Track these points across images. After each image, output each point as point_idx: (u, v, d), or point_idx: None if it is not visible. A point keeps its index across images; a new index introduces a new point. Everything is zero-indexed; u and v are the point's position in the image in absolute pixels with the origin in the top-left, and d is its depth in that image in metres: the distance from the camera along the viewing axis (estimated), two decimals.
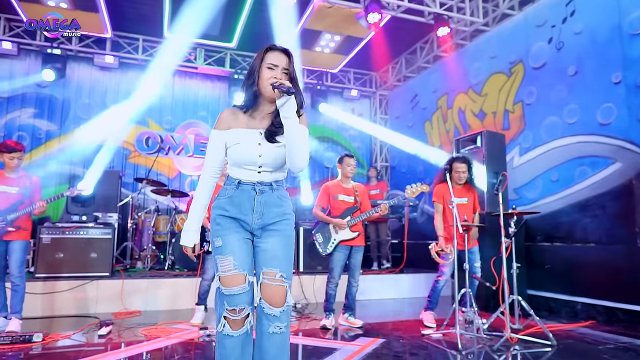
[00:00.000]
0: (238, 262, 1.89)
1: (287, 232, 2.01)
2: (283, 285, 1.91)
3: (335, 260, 4.29)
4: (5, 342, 3.47)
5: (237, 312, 1.85)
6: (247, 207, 1.96)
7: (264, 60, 1.96)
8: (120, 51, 8.17)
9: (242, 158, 1.95)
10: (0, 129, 7.60)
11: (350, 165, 4.42)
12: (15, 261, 3.94)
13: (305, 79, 9.42)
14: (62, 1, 6.57)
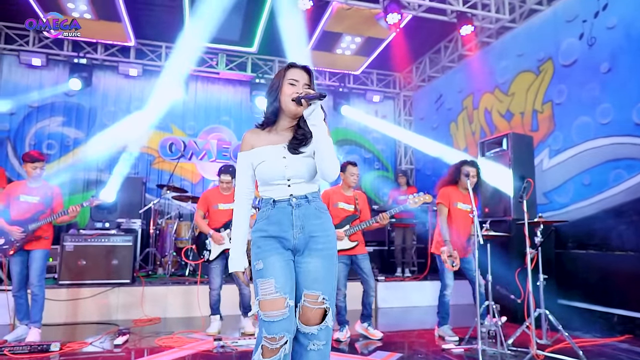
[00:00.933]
0: (279, 285, 1.83)
1: (330, 251, 1.96)
2: (323, 307, 1.88)
3: (338, 272, 4.16)
4: (23, 352, 3.52)
5: (276, 341, 1.78)
6: (286, 224, 1.92)
7: (285, 77, 1.98)
8: (143, 59, 8.29)
9: (269, 174, 1.94)
10: (31, 138, 7.84)
11: (354, 174, 4.29)
12: (35, 270, 4.00)
13: (326, 82, 9.32)
14: (86, 12, 6.72)
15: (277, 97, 1.98)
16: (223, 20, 7.19)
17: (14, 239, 3.93)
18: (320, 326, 1.86)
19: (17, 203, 4.04)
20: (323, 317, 1.87)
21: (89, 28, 7.19)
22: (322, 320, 1.87)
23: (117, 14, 6.81)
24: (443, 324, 4.23)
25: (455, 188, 4.22)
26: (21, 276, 4.03)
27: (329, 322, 1.88)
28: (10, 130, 7.76)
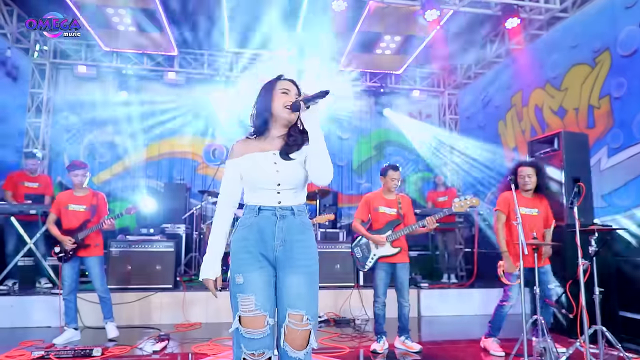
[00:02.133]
0: (260, 303, 1.80)
1: (312, 268, 1.92)
2: (308, 328, 1.82)
3: (378, 278, 4.02)
4: (67, 356, 3.65)
5: (257, 356, 1.76)
6: (268, 234, 1.88)
7: (276, 87, 1.99)
8: (187, 67, 8.51)
9: (259, 178, 1.91)
10: (85, 147, 8.27)
11: (395, 178, 4.09)
12: (95, 276, 4.25)
13: (367, 83, 9.16)
14: (130, 25, 6.99)
15: (269, 106, 1.97)
16: (261, 25, 7.27)
17: (67, 248, 4.14)
18: (306, 350, 1.81)
19: (66, 212, 4.25)
20: (308, 341, 1.82)
21: (135, 40, 7.47)
22: (308, 343, 1.81)
23: (159, 26, 7.02)
24: (491, 335, 3.96)
25: (517, 192, 3.92)
26: (72, 281, 4.22)
27: (313, 344, 1.83)
28: (66, 141, 8.22)
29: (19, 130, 7.71)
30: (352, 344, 4.28)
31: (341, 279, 5.78)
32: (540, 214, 3.82)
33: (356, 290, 5.64)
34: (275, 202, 1.91)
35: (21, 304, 5.00)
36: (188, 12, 6.89)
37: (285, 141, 1.98)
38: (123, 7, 6.43)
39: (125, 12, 6.57)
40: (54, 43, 8.11)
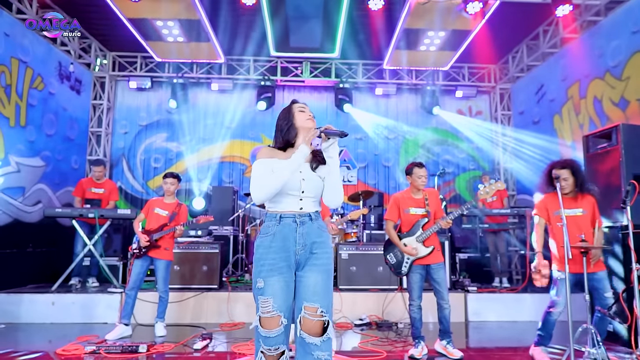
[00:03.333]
0: (277, 305, 2.01)
1: (328, 267, 2.13)
2: (323, 319, 2.02)
3: (412, 281, 3.92)
4: (116, 352, 3.87)
5: (273, 351, 2.01)
6: (290, 240, 2.10)
7: (293, 107, 2.31)
8: (233, 74, 8.76)
9: (287, 185, 2.11)
10: (141, 153, 8.74)
11: (421, 176, 3.97)
12: (160, 278, 4.57)
13: (413, 80, 8.96)
14: (179, 36, 7.30)
15: (292, 123, 2.28)
16: (304, 29, 7.33)
17: (141, 245, 4.50)
18: (323, 338, 2.00)
19: (152, 215, 4.67)
20: (324, 330, 2.01)
21: (183, 50, 7.81)
22: (324, 332, 2.01)
23: (206, 35, 7.28)
24: (541, 344, 3.72)
25: (555, 195, 3.68)
26: (137, 277, 4.54)
27: (330, 334, 2.02)
28: (124, 148, 8.74)
29: (83, 139, 8.29)
30: (390, 348, 4.20)
31: (384, 282, 5.69)
32: (586, 213, 3.54)
33: (399, 293, 5.53)
34: (297, 208, 2.14)
35: (82, 301, 5.36)
36: (232, 20, 7.08)
37: (313, 154, 2.24)
38: (171, 19, 6.72)
39: (173, 24, 6.87)
40: (113, 56, 8.66)
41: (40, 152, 6.90)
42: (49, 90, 7.12)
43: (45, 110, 7.03)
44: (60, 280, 5.67)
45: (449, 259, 5.83)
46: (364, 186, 8.67)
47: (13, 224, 6.29)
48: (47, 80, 7.06)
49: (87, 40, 8.03)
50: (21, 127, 6.45)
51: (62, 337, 4.47)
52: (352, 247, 5.84)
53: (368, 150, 9.07)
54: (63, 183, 7.41)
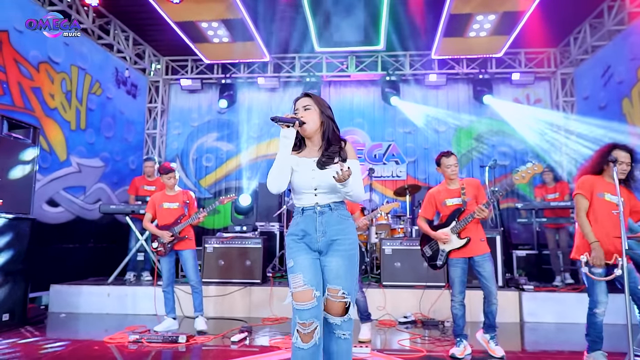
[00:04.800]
0: (307, 279, 2.14)
1: (350, 252, 2.24)
2: (344, 301, 2.17)
3: (453, 275, 3.69)
4: (157, 341, 3.99)
5: (307, 326, 2.08)
6: (311, 228, 2.24)
7: (294, 107, 2.38)
8: (280, 72, 8.83)
9: (300, 182, 2.27)
10: (193, 153, 9.06)
11: (450, 165, 3.73)
12: (189, 268, 4.59)
13: (464, 70, 8.55)
14: (224, 36, 7.46)
15: None
16: (346, 22, 7.22)
17: (165, 241, 4.53)
18: (344, 318, 2.16)
19: (161, 211, 4.66)
20: (346, 311, 2.17)
21: (229, 51, 7.97)
22: (345, 313, 2.16)
23: (250, 35, 7.38)
24: (594, 349, 3.36)
25: (601, 177, 3.33)
26: (169, 274, 4.62)
27: (351, 314, 2.18)
28: (177, 148, 9.10)
29: (140, 140, 8.73)
30: (432, 347, 3.99)
31: (430, 278, 5.44)
32: (626, 206, 3.15)
33: (447, 291, 5.26)
34: (313, 202, 2.26)
35: (134, 294, 5.62)
36: (273, 17, 7.12)
37: (323, 152, 2.29)
38: (214, 20, 6.88)
39: (217, 25, 7.03)
40: (166, 61, 9.04)
41: (100, 153, 7.34)
42: (106, 95, 7.56)
43: (103, 114, 7.47)
44: (115, 274, 5.99)
45: (501, 256, 5.46)
46: (413, 181, 8.38)
47: (75, 220, 6.74)
48: (104, 86, 7.50)
49: (142, 46, 8.44)
50: (81, 130, 6.89)
51: (114, 326, 4.68)
52: (395, 242, 5.64)
53: (417, 144, 8.78)
54: (121, 182, 7.83)
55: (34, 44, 5.92)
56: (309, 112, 2.29)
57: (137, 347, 3.88)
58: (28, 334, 4.41)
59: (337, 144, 2.29)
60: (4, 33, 5.45)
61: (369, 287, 5.40)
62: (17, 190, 4.76)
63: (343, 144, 2.31)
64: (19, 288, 4.69)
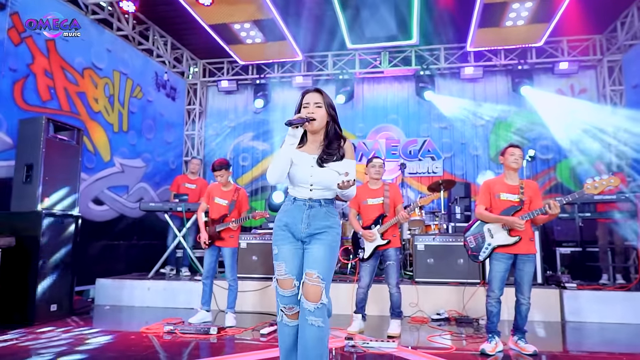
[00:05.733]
0: (288, 269, 2.30)
1: (330, 242, 2.33)
2: (319, 285, 2.21)
3: (494, 270, 3.59)
4: (190, 332, 4.13)
5: (288, 310, 2.30)
6: (297, 218, 2.34)
7: (302, 103, 2.41)
8: (313, 70, 8.89)
9: (297, 177, 2.35)
10: (230, 152, 9.27)
11: (514, 154, 3.66)
12: (227, 266, 4.70)
13: (502, 61, 8.27)
14: (257, 37, 7.59)
15: None
16: (377, 18, 7.16)
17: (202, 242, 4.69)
18: (317, 305, 2.18)
19: (213, 204, 4.80)
20: (320, 297, 2.20)
21: (263, 51, 8.10)
22: (319, 299, 2.19)
23: (282, 35, 7.47)
24: None
25: None
26: (210, 267, 4.75)
27: (323, 300, 2.20)
28: (215, 148, 9.35)
29: (179, 141, 9.04)
30: (462, 344, 3.90)
31: (465, 275, 5.32)
32: None
33: (482, 288, 5.12)
34: (307, 196, 2.36)
35: (172, 288, 5.84)
36: (304, 16, 7.16)
37: (323, 149, 2.36)
38: (246, 22, 7.02)
39: (249, 26, 7.16)
40: (203, 64, 9.32)
41: (141, 154, 7.67)
42: (147, 98, 7.89)
43: (144, 116, 7.80)
44: (155, 269, 6.23)
45: (540, 252, 5.24)
46: (450, 177, 8.19)
47: (119, 218, 7.07)
48: (145, 89, 7.83)
49: (180, 50, 8.74)
50: (124, 132, 7.22)
51: (153, 318, 4.88)
52: (428, 238, 5.55)
53: (454, 139, 8.57)
54: (162, 182, 8.15)
55: (79, 51, 6.28)
56: (319, 109, 2.35)
57: (171, 338, 4.03)
58: (74, 323, 4.68)
59: (337, 142, 2.37)
60: (51, 42, 5.81)
61: (401, 284, 5.32)
62: (63, 189, 5.06)
63: (342, 142, 2.38)
64: (66, 281, 4.98)
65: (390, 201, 4.32)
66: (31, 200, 4.72)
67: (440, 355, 3.51)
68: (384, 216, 4.29)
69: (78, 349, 3.66)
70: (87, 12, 6.48)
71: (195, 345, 3.81)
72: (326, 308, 2.23)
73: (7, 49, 5.21)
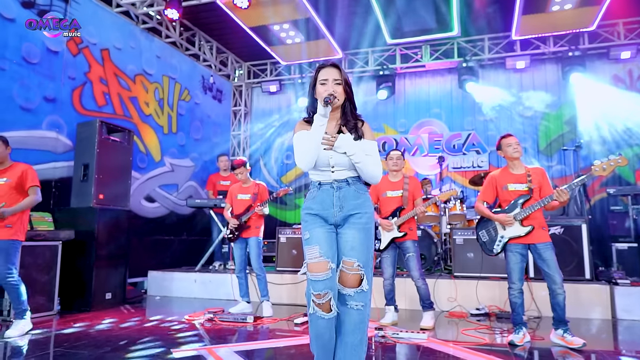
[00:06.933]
0: (323, 251, 2.15)
1: (366, 226, 2.22)
2: (359, 273, 2.13)
3: (511, 262, 3.55)
4: (228, 320, 4.34)
5: (322, 297, 2.08)
6: (328, 203, 2.22)
7: (317, 79, 2.26)
8: (353, 67, 8.92)
9: (318, 161, 2.21)
10: (274, 151, 9.52)
11: (511, 144, 3.61)
12: (253, 255, 4.90)
13: (551, 48, 7.88)
14: (296, 37, 7.76)
15: (314, 96, 2.28)
16: (416, 11, 7.09)
17: (233, 229, 4.91)
18: (356, 290, 2.11)
19: (236, 201, 5.06)
20: (360, 283, 2.12)
21: (303, 51, 8.25)
22: (359, 285, 2.11)
23: (319, 32, 7.58)
24: None
25: None
26: (241, 259, 4.98)
27: (364, 286, 2.12)
28: (260, 148, 9.63)
29: (226, 142, 9.41)
30: (495, 338, 3.82)
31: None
32: None
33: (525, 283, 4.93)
34: (331, 179, 2.25)
35: (217, 280, 6.11)
36: (341, 13, 7.22)
37: (339, 129, 2.25)
38: (285, 22, 7.20)
39: (288, 26, 7.34)
40: (247, 66, 9.64)
41: (190, 154, 8.07)
42: (194, 101, 8.29)
43: (192, 118, 8.20)
44: (201, 263, 6.56)
45: (588, 246, 4.98)
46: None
47: (170, 215, 7.50)
48: (192, 93, 8.23)
49: (225, 54, 9.10)
50: (173, 134, 7.64)
51: (198, 308, 5.15)
52: (467, 231, 5.43)
53: (500, 132, 8.17)
54: None
55: (131, 59, 6.74)
56: (338, 87, 2.21)
57: (210, 325, 4.25)
58: (125, 311, 5.05)
59: (354, 121, 2.26)
60: (105, 51, 6.29)
61: (439, 278, 5.27)
62: (115, 186, 5.47)
63: (360, 123, 2.28)
64: (119, 272, 5.38)
65: (410, 194, 4.30)
66: (87, 197, 5.15)
67: (471, 347, 3.46)
68: (402, 209, 4.27)
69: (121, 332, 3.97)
70: (138, 22, 6.94)
71: (231, 332, 4.00)
72: (367, 294, 2.14)
73: (67, 60, 5.70)
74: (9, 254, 3.81)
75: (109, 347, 3.40)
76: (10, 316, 4.10)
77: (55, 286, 4.69)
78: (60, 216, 5.13)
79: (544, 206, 3.43)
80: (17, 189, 3.92)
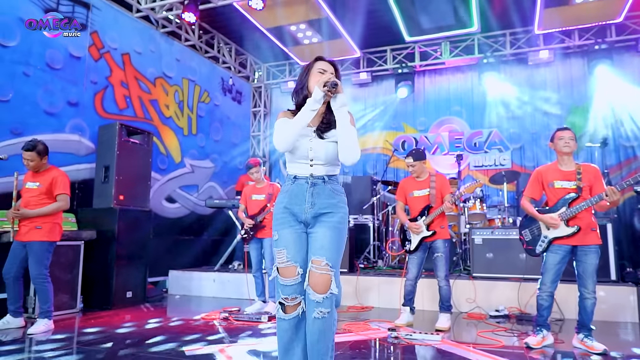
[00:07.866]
0: (291, 255, 2.11)
1: (337, 225, 2.13)
2: (328, 273, 2.04)
3: (548, 262, 3.41)
4: (243, 319, 4.38)
5: (290, 300, 2.08)
6: (300, 198, 2.15)
7: (314, 67, 2.23)
8: (372, 66, 8.86)
9: (296, 153, 2.17)
10: None
11: (563, 138, 3.42)
12: (267, 255, 4.92)
13: (576, 42, 7.63)
14: (313, 37, 7.77)
15: (306, 84, 2.22)
16: (434, 7, 6.99)
17: (249, 229, 4.95)
18: (326, 295, 2.01)
19: (250, 202, 5.09)
20: (329, 286, 2.02)
21: (320, 50, 8.22)
22: (328, 289, 2.01)
23: (336, 32, 7.56)
24: None
25: None
26: (257, 260, 5.02)
27: (333, 289, 2.02)
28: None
29: (246, 142, 9.49)
30: (513, 341, 3.71)
31: (527, 270, 5.00)
32: None
33: None
34: (308, 173, 2.17)
35: (235, 280, 6.17)
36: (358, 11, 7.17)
37: (322, 119, 2.20)
38: (301, 22, 7.21)
39: (305, 26, 7.35)
40: (266, 67, 9.71)
41: (210, 155, 8.18)
42: (214, 103, 8.40)
43: (212, 119, 8.31)
44: (220, 263, 6.65)
45: (613, 246, 4.80)
46: (519, 169, 7.72)
47: (190, 215, 7.62)
48: (212, 95, 8.34)
49: (243, 55, 9.20)
50: (193, 135, 7.77)
51: (216, 307, 5.21)
52: (486, 231, 5.31)
53: (523, 129, 8.06)
54: (230, 181, 8.62)
55: (151, 62, 6.88)
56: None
57: (225, 324, 4.29)
58: (145, 309, 5.16)
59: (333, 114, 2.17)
60: (126, 55, 6.44)
61: (458, 279, 5.17)
62: (136, 187, 5.59)
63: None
64: (140, 271, 5.49)
65: (437, 192, 4.24)
66: (108, 198, 5.28)
67: (486, 350, 3.38)
68: (430, 207, 4.21)
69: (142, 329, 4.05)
70: (158, 26, 7.08)
71: (245, 331, 4.03)
72: (335, 297, 2.05)
73: (89, 64, 5.86)
74: (40, 256, 3.96)
75: (125, 344, 3.47)
76: (35, 313, 4.24)
77: (77, 285, 4.83)
78: (82, 216, 5.28)
79: (593, 205, 3.26)
80: (47, 194, 4.06)
